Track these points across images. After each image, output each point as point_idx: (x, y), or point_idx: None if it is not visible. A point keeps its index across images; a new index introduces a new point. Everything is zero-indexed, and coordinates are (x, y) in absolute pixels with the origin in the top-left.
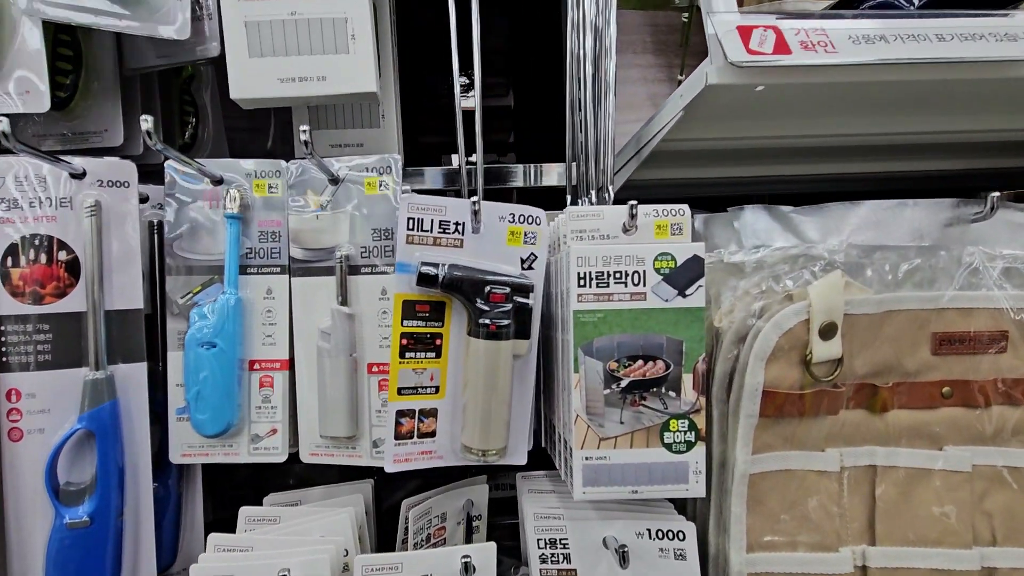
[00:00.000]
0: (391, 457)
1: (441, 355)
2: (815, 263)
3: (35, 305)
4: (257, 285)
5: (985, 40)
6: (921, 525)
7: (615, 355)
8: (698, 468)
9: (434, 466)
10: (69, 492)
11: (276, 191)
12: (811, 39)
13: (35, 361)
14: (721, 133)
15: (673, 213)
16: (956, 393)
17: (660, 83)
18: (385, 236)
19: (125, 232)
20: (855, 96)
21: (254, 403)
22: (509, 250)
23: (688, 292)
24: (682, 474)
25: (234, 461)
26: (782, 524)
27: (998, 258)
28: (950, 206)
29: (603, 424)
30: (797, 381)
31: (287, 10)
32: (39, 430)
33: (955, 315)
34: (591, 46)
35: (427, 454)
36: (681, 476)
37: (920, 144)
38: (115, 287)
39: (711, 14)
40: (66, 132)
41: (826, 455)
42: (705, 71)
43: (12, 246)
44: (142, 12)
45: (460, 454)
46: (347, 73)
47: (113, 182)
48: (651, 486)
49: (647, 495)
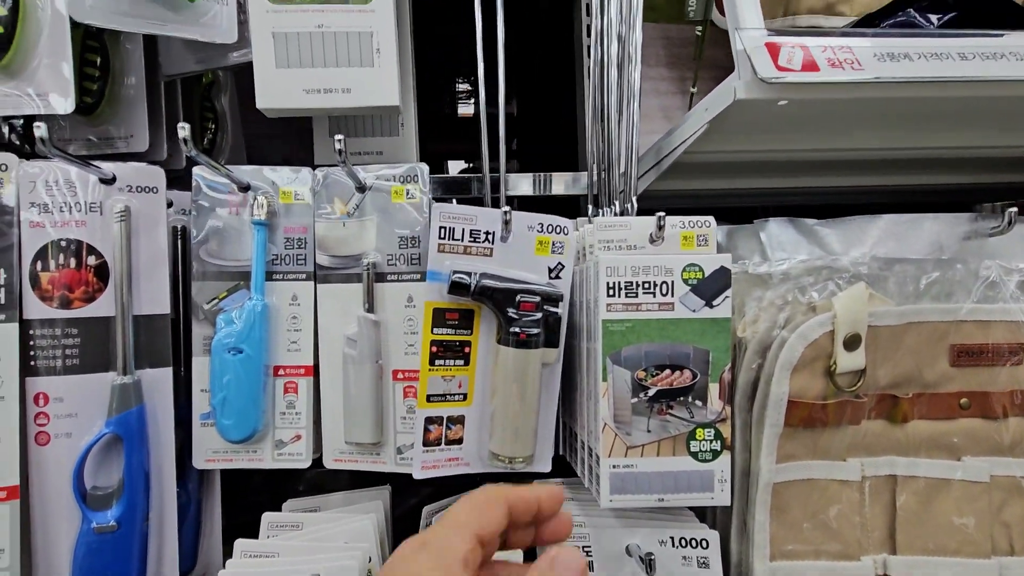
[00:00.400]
0: (419, 464)
1: (469, 363)
2: (840, 275)
3: (64, 309)
4: (283, 291)
5: (1006, 59)
6: (941, 535)
7: (643, 364)
8: (723, 476)
9: (462, 472)
10: (96, 496)
11: (302, 198)
12: (838, 56)
13: (63, 365)
14: (743, 146)
15: (699, 225)
16: (974, 404)
17: (672, 95)
18: (412, 244)
19: (153, 237)
20: (876, 111)
21: (278, 409)
22: (537, 259)
23: (715, 303)
24: (708, 482)
25: (258, 467)
26: (805, 533)
27: (1015, 272)
28: (968, 220)
29: (630, 432)
30: (821, 391)
31: (314, 23)
32: (66, 434)
33: (973, 327)
34: (615, 53)
35: (454, 461)
36: (707, 484)
37: (939, 158)
38: (143, 292)
39: (739, 30)
40: (92, 137)
41: (848, 464)
42: (733, 86)
43: (42, 250)
44: (190, 16)
45: (488, 461)
46: (371, 86)
47: (142, 188)
48: (677, 494)
49: (673, 503)
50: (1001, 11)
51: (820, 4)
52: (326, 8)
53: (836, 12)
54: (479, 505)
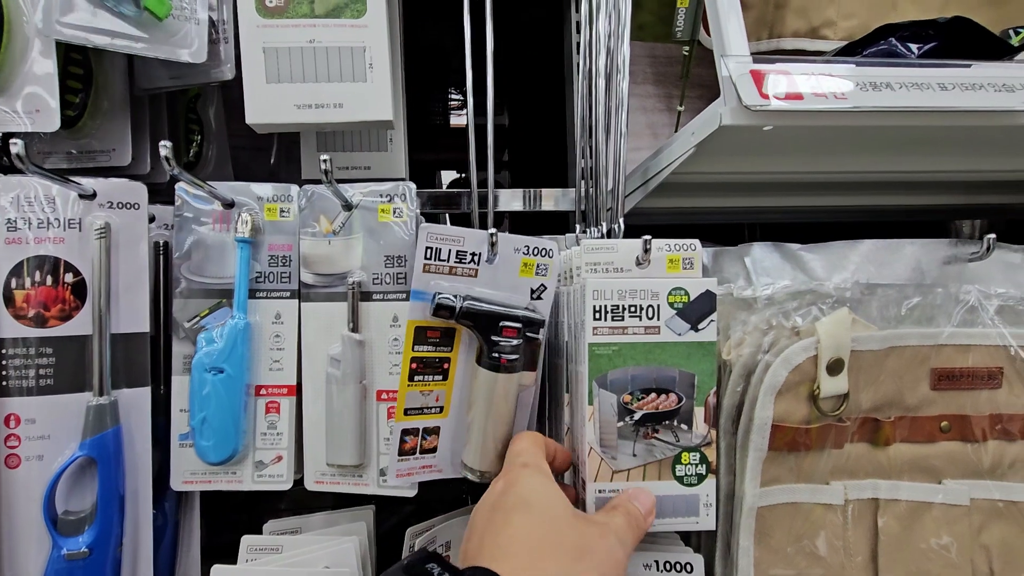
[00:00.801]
0: (394, 472)
1: (448, 377)
2: (823, 300)
3: (39, 328)
4: (266, 310)
5: (984, 90)
6: (922, 558)
7: (629, 388)
8: (708, 501)
9: (434, 478)
10: (68, 521)
11: (288, 215)
12: (821, 85)
13: (36, 385)
14: (729, 168)
15: (685, 248)
16: (954, 427)
17: (659, 112)
18: (397, 263)
19: (133, 254)
20: (858, 136)
21: (259, 429)
22: (521, 280)
23: (701, 326)
24: (693, 507)
25: (238, 488)
26: (788, 557)
27: (994, 296)
28: (948, 245)
29: (616, 457)
30: (805, 415)
31: (306, 38)
32: (38, 457)
33: (953, 351)
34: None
35: (427, 468)
36: (692, 509)
37: (919, 181)
38: (122, 310)
39: (724, 57)
40: (73, 151)
41: (831, 488)
42: (719, 111)
43: (17, 267)
44: (159, 35)
45: (460, 470)
46: (364, 101)
47: (123, 203)
48: (663, 519)
49: (659, 528)
50: (980, 42)
51: (805, 28)
52: (318, 23)
53: (820, 36)
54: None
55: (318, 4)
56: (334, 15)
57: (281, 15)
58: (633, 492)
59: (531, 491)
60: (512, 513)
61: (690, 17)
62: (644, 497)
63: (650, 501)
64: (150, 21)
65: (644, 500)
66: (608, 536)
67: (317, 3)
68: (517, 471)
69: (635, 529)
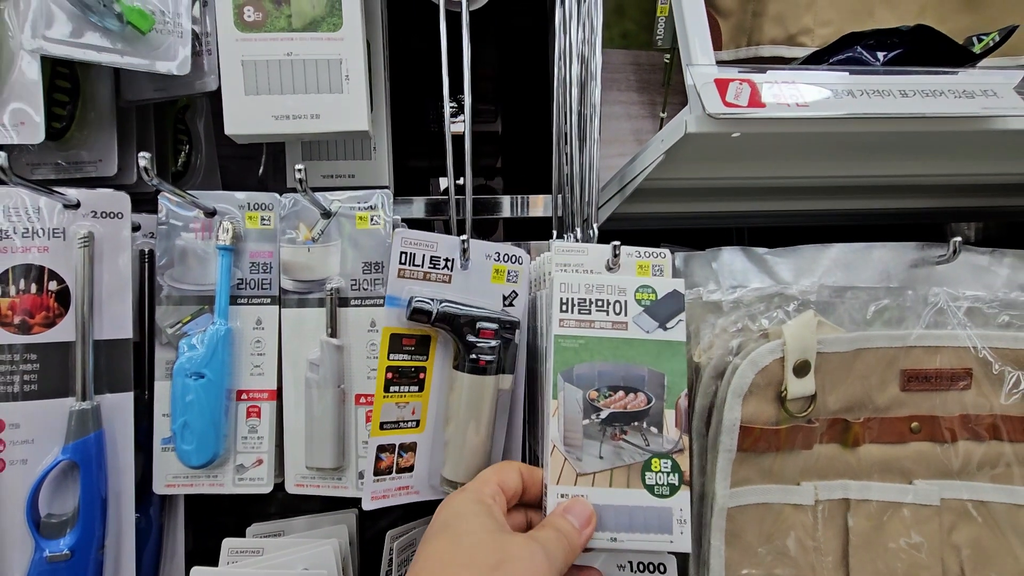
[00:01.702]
0: (369, 494)
1: (424, 388)
2: (789, 303)
3: (23, 334)
4: (247, 316)
5: (945, 96)
6: (892, 558)
7: (596, 384)
8: (682, 517)
9: (411, 501)
10: (50, 524)
11: (268, 223)
12: (783, 92)
13: (21, 391)
14: (700, 174)
15: (655, 255)
16: (924, 428)
17: (643, 119)
18: (375, 269)
19: (117, 263)
20: (825, 142)
21: (240, 433)
22: (493, 287)
23: (669, 325)
24: (665, 523)
25: (219, 492)
26: (759, 557)
27: (962, 298)
28: (915, 248)
29: (580, 458)
30: (773, 417)
31: (283, 51)
32: (22, 461)
33: (922, 353)
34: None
35: (404, 490)
36: (664, 525)
37: (886, 185)
38: (105, 317)
39: (690, 66)
40: (60, 162)
41: (801, 488)
42: (685, 119)
43: (3, 275)
44: (143, 48)
45: (440, 487)
46: (340, 112)
47: (107, 213)
48: (632, 534)
49: (627, 546)
50: (943, 49)
51: (782, 35)
52: (295, 36)
53: (798, 43)
54: (499, 466)
55: (295, 18)
56: (311, 28)
57: (259, 29)
58: (568, 504)
59: (454, 513)
60: (433, 538)
61: (670, 26)
62: (579, 508)
63: (586, 513)
64: (133, 35)
65: (579, 512)
66: (532, 546)
67: (295, 17)
68: (450, 497)
69: (566, 543)
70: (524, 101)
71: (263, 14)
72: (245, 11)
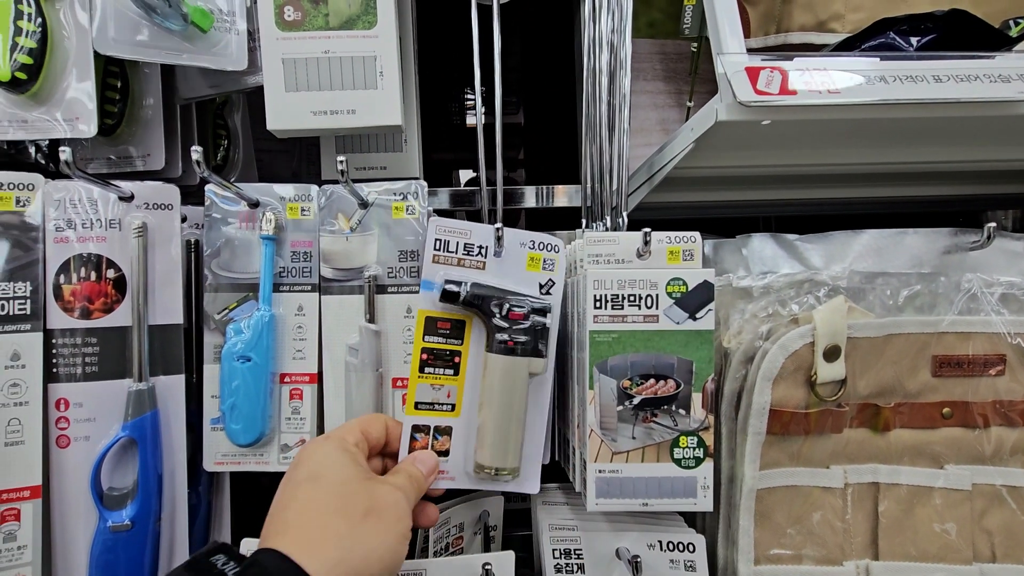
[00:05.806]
0: None
1: (459, 373)
2: (819, 288)
3: (84, 320)
4: (289, 302)
5: (980, 81)
6: (923, 541)
7: (628, 373)
8: (706, 483)
9: (447, 487)
10: (112, 497)
11: (308, 214)
12: (814, 79)
13: (83, 372)
14: (730, 162)
15: (685, 240)
16: (956, 414)
17: (670, 108)
18: (410, 257)
19: (168, 252)
20: (857, 129)
21: (284, 415)
22: (528, 275)
23: (699, 315)
24: (691, 488)
25: (264, 469)
26: (788, 538)
27: (995, 285)
28: (948, 234)
29: (616, 439)
30: (802, 400)
31: (321, 49)
32: (85, 438)
33: (954, 339)
34: (607, 61)
35: (441, 474)
36: (690, 490)
37: (919, 172)
38: (157, 303)
39: (721, 55)
40: (112, 156)
41: (831, 472)
42: (715, 108)
43: (65, 264)
44: (203, 46)
45: (473, 474)
46: (375, 107)
47: (158, 204)
48: (661, 499)
49: (657, 508)
50: (978, 33)
51: (812, 22)
52: (332, 35)
53: (828, 29)
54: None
55: (332, 16)
56: (347, 27)
57: (298, 28)
58: (418, 454)
59: (318, 462)
60: (299, 486)
61: (697, 14)
62: (427, 458)
63: (432, 462)
64: (195, 34)
65: (426, 461)
66: (395, 493)
67: (332, 15)
68: (311, 444)
69: (416, 487)
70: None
71: (302, 13)
72: (285, 10)
